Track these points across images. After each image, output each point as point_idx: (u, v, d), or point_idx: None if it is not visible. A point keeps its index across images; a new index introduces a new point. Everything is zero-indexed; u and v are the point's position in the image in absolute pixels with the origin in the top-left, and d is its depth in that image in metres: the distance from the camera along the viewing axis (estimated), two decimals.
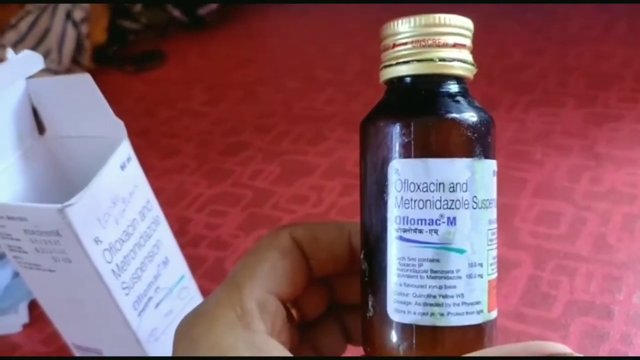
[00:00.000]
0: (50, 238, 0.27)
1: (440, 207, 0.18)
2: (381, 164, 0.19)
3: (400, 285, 0.19)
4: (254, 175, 0.53)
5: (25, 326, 0.40)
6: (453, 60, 0.19)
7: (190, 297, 0.34)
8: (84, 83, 0.29)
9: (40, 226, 0.27)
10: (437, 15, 0.19)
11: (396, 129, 0.19)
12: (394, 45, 0.19)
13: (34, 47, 0.79)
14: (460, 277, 0.18)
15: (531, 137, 0.50)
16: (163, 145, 0.61)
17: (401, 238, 0.18)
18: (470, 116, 0.19)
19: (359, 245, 0.21)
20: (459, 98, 0.19)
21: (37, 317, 0.40)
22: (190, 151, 0.59)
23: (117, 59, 0.85)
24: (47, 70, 0.77)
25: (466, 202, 0.18)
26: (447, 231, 0.18)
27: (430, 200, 0.18)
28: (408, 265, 0.18)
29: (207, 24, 0.91)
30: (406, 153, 0.18)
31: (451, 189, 0.18)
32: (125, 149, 0.29)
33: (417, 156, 0.18)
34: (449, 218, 0.18)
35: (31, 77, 0.30)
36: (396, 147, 0.19)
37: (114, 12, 0.88)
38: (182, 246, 0.45)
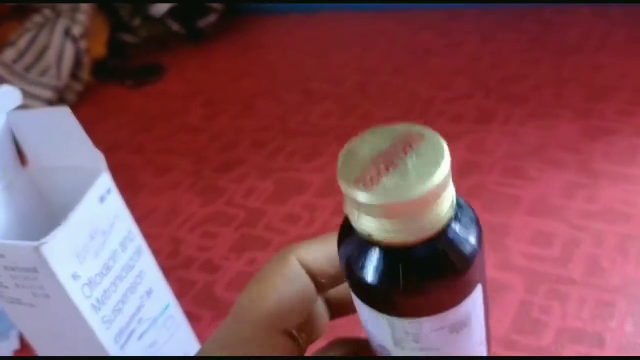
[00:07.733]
0: (28, 274, 0.27)
1: None
2: None
3: None
4: (248, 194, 0.52)
5: (16, 352, 0.40)
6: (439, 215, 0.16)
7: (177, 326, 0.34)
8: (63, 116, 0.29)
9: (19, 263, 0.26)
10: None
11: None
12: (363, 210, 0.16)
13: (34, 64, 0.79)
14: None
15: (526, 151, 0.50)
16: (159, 161, 0.61)
17: None
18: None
19: None
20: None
21: (28, 343, 0.40)
22: (186, 167, 0.59)
23: (117, 73, 0.85)
24: (47, 86, 0.78)
25: None
26: None
27: None
28: None
29: (207, 37, 0.90)
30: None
31: None
32: (104, 182, 0.29)
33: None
34: None
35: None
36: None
37: (114, 27, 0.88)
38: (173, 269, 0.45)
